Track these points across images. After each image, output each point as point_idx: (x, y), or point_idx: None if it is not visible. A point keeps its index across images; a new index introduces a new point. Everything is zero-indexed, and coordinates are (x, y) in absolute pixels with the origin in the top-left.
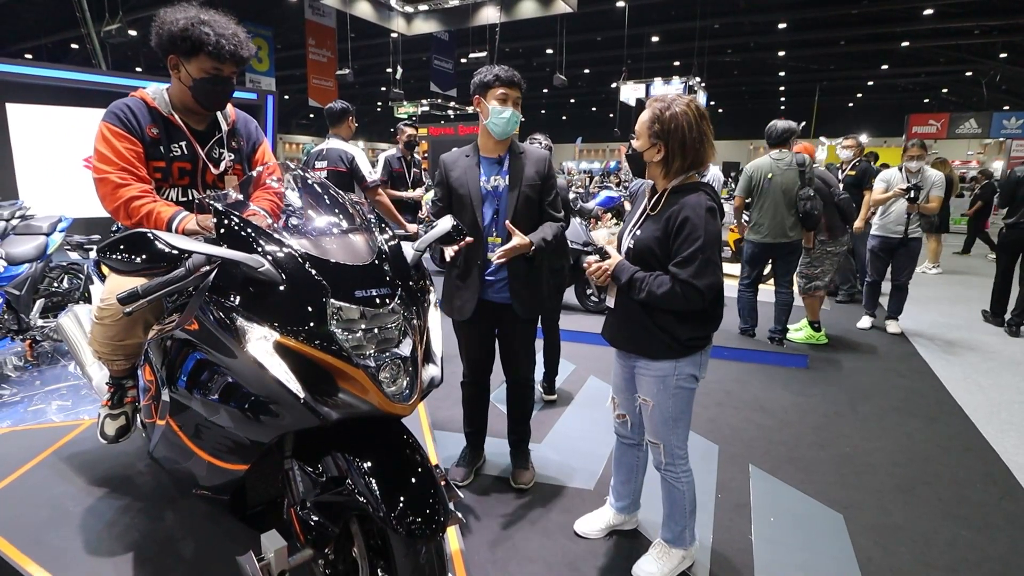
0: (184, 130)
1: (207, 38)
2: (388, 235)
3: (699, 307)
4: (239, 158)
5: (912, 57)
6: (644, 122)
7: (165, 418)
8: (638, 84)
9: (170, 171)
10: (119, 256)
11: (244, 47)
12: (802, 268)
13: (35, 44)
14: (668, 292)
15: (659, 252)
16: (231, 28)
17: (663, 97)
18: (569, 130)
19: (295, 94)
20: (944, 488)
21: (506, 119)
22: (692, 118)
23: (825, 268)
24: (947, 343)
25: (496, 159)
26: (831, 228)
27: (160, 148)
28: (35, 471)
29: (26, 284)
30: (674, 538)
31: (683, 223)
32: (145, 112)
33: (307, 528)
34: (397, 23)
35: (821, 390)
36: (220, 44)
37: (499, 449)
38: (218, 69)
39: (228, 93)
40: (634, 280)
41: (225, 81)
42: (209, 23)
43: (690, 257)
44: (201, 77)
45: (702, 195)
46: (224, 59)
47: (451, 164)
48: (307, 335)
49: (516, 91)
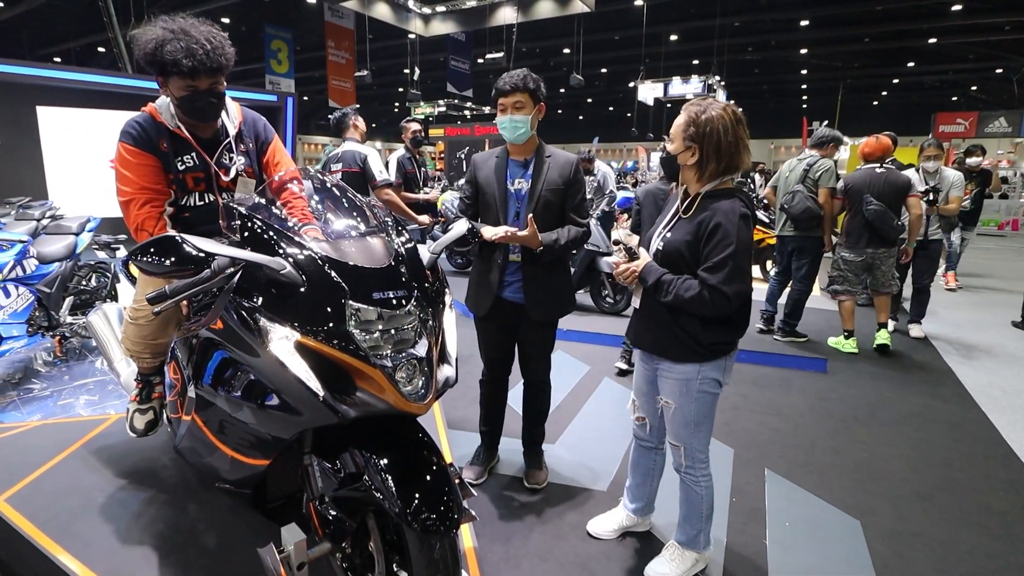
0: (191, 141)
1: (171, 57)
2: (405, 238)
3: (726, 313)
4: (250, 160)
5: (939, 54)
6: (679, 125)
7: (191, 414)
8: (656, 83)
9: (184, 182)
10: (149, 259)
11: (214, 57)
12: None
13: (63, 48)
14: (695, 296)
15: (689, 256)
16: (202, 38)
17: (700, 101)
18: (586, 130)
19: (314, 95)
20: (964, 495)
21: (506, 127)
22: (728, 122)
23: (844, 274)
24: (971, 348)
25: (522, 162)
26: (848, 234)
27: (171, 161)
28: (65, 463)
29: (56, 282)
30: (688, 541)
31: (715, 228)
32: (154, 126)
33: (325, 522)
34: (415, 24)
35: (840, 394)
36: (182, 63)
37: (513, 448)
38: (192, 86)
39: (214, 105)
40: (661, 282)
41: (205, 94)
42: (177, 37)
43: (720, 263)
44: (181, 95)
45: (736, 201)
46: (195, 74)
47: (481, 163)
48: (326, 335)
49: (511, 96)
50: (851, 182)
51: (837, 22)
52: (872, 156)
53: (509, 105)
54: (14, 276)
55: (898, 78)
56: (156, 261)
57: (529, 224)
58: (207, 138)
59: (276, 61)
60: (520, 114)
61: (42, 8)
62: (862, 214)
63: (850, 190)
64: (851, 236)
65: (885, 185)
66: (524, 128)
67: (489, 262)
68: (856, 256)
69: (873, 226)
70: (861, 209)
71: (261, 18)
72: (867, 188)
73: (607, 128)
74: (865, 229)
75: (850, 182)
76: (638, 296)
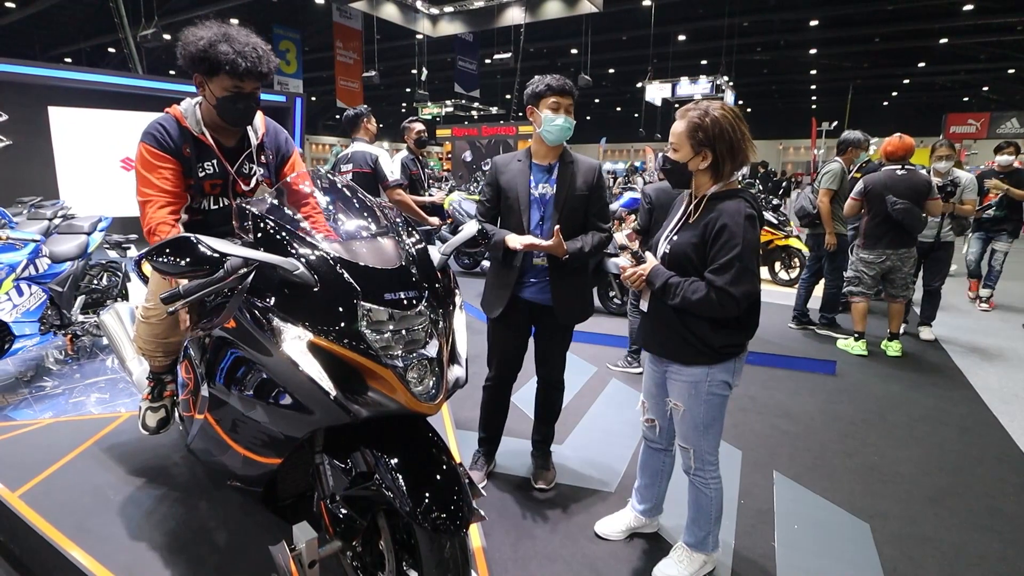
0: (214, 148)
1: (225, 57)
2: (415, 238)
3: (734, 314)
4: (268, 172)
5: (951, 54)
6: (682, 132)
7: (203, 413)
8: (664, 84)
9: (201, 187)
10: (164, 259)
11: (263, 63)
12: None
13: (74, 48)
14: (703, 298)
15: (696, 258)
16: (251, 43)
17: (695, 105)
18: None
19: (322, 96)
20: (976, 499)
21: (559, 126)
22: (732, 120)
23: (861, 275)
24: (983, 351)
25: (546, 166)
26: (867, 235)
27: (193, 167)
28: (77, 460)
29: (68, 281)
30: (697, 543)
31: (721, 230)
32: (178, 131)
33: (336, 521)
34: (422, 24)
35: (849, 397)
36: (237, 63)
37: (521, 449)
38: (238, 87)
39: (252, 109)
40: (668, 285)
41: (247, 97)
42: (229, 39)
43: (727, 264)
44: (223, 95)
45: (741, 202)
46: (243, 76)
47: (503, 167)
48: (338, 335)
49: (568, 99)
50: (870, 184)
51: (847, 22)
52: (895, 155)
53: (564, 106)
54: (27, 275)
55: (908, 78)
56: (171, 261)
57: (556, 235)
58: (230, 146)
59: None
60: (571, 117)
61: (53, 9)
62: (883, 215)
63: (870, 192)
64: (870, 238)
65: (906, 188)
66: (571, 130)
67: (508, 264)
68: (875, 257)
69: (903, 225)
70: (882, 211)
71: (270, 19)
72: (887, 190)
73: (615, 128)
74: (886, 230)
75: (869, 184)
76: (646, 300)
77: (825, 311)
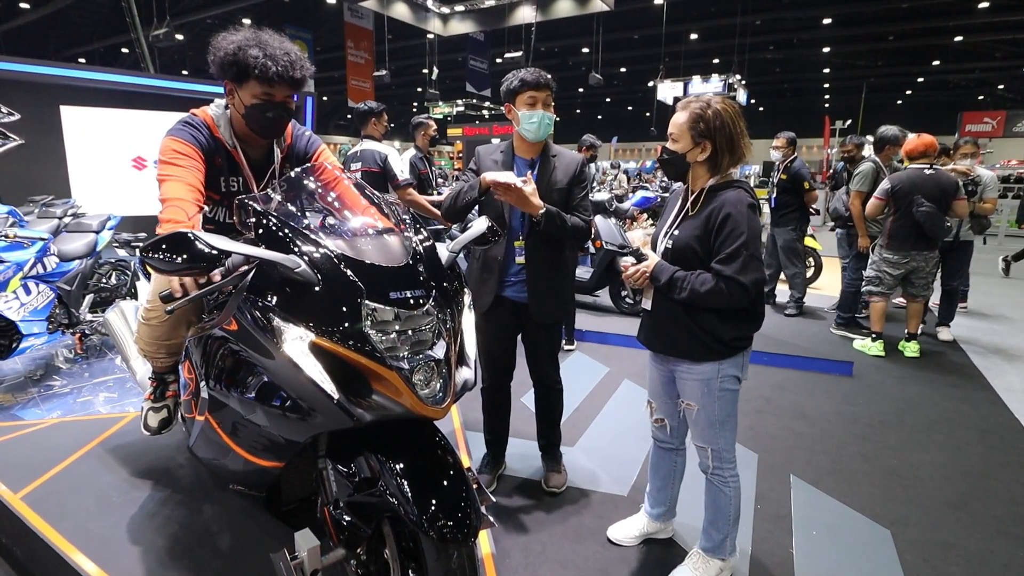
0: (243, 165)
1: (255, 61)
2: (423, 236)
3: (743, 304)
4: None
5: (966, 52)
6: (682, 123)
7: (204, 414)
8: (676, 82)
9: (222, 201)
10: (160, 256)
11: (296, 68)
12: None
13: (87, 48)
14: (712, 289)
15: (700, 250)
16: (284, 48)
17: (697, 98)
18: (605, 130)
19: (332, 95)
20: (1000, 505)
21: (536, 122)
22: (733, 114)
23: (882, 275)
24: (1003, 352)
25: (528, 161)
26: (892, 236)
27: (218, 180)
28: (82, 461)
29: (77, 280)
30: (714, 547)
31: (725, 220)
32: (213, 140)
33: (340, 528)
34: (433, 24)
35: (866, 399)
36: (267, 66)
37: (531, 451)
38: (268, 94)
39: (283, 120)
40: (674, 280)
41: (278, 107)
42: (261, 43)
43: (734, 253)
44: (252, 103)
45: (741, 192)
46: (273, 82)
47: (484, 157)
48: (342, 336)
49: (544, 92)
50: (897, 183)
51: (860, 20)
52: (914, 153)
53: (541, 100)
54: (35, 273)
55: (923, 77)
56: (167, 258)
57: (528, 180)
58: (258, 159)
59: None
60: (551, 111)
61: (67, 10)
62: (910, 216)
63: (897, 192)
64: (895, 238)
65: (935, 188)
66: (550, 125)
67: (489, 262)
68: (900, 258)
69: (923, 228)
70: (909, 211)
71: (281, 19)
72: (915, 190)
73: (626, 128)
74: (911, 231)
75: (896, 183)
76: (648, 298)
77: (842, 310)
